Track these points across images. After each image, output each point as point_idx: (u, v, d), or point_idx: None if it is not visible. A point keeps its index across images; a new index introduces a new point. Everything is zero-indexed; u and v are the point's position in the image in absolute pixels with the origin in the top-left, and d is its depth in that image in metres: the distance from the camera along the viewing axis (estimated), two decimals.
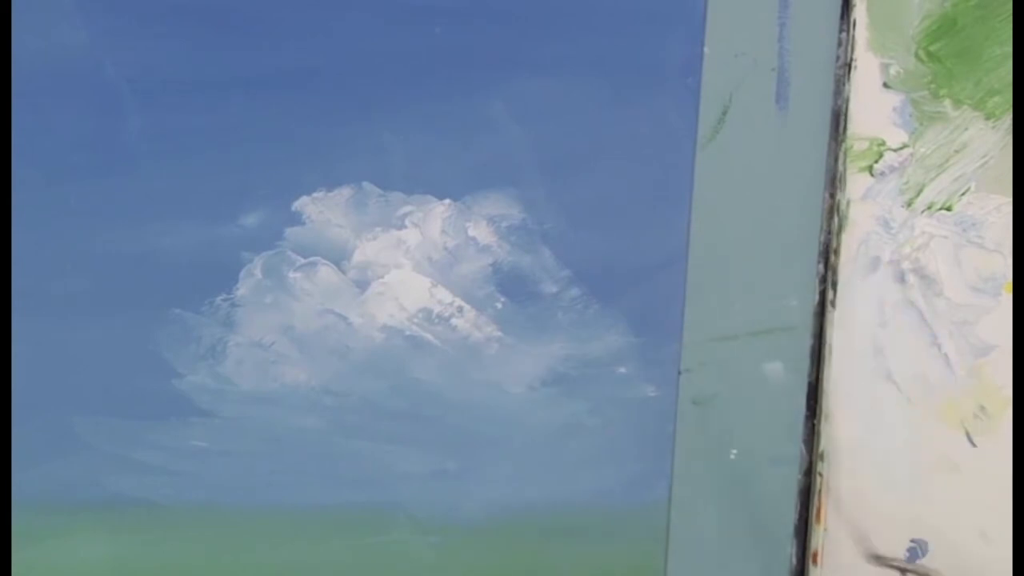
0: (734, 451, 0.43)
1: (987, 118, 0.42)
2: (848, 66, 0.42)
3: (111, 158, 0.41)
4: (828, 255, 0.43)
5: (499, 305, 0.43)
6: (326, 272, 0.42)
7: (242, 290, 0.42)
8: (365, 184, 0.42)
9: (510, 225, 0.43)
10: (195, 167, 0.42)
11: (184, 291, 0.42)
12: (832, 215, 0.43)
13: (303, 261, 0.42)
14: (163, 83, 0.41)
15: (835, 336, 0.43)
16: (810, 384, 0.43)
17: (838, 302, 0.43)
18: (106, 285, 0.42)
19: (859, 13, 0.42)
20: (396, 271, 0.42)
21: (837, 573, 0.43)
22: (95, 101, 0.41)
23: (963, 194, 0.43)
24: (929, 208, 0.43)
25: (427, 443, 0.42)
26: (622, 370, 0.43)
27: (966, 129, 0.43)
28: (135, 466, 0.42)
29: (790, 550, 0.43)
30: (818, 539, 0.43)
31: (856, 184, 0.43)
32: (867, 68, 0.42)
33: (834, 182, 0.43)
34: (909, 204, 0.43)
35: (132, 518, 0.42)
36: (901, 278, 0.43)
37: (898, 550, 0.43)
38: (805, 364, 0.43)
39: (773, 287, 0.43)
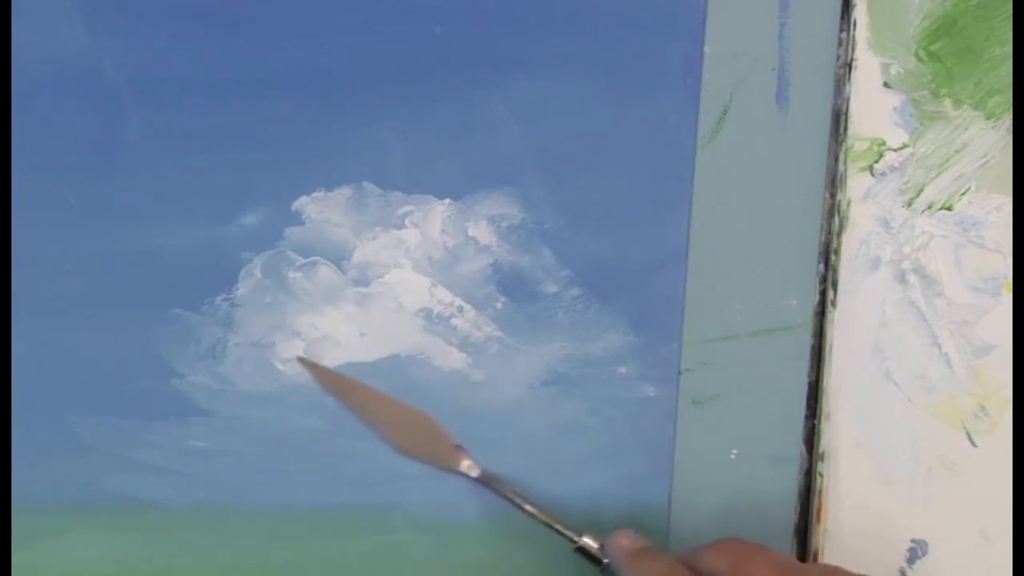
0: (734, 451, 0.43)
1: (987, 118, 0.42)
2: (848, 66, 0.42)
3: (111, 158, 0.41)
4: (828, 255, 0.43)
5: (499, 305, 0.43)
6: (326, 272, 0.42)
7: (242, 290, 0.42)
8: (365, 184, 0.42)
9: (510, 225, 0.43)
10: (195, 167, 0.42)
11: (184, 291, 0.42)
12: (832, 215, 0.43)
13: (303, 261, 0.42)
14: (163, 83, 0.41)
15: (835, 336, 0.43)
16: (810, 384, 0.43)
17: (838, 302, 0.43)
18: (106, 285, 0.42)
19: (859, 13, 0.42)
20: (396, 271, 0.42)
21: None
22: (95, 101, 0.41)
23: (963, 194, 0.43)
24: (929, 208, 0.43)
25: None
26: (622, 370, 0.43)
27: (966, 129, 0.43)
28: (135, 466, 0.42)
29: (790, 550, 0.43)
30: (818, 539, 0.43)
31: (856, 184, 0.43)
32: (867, 68, 0.42)
33: (834, 182, 0.43)
34: (909, 204, 0.43)
35: (132, 518, 0.42)
36: (901, 278, 0.43)
37: (898, 550, 0.43)
38: (805, 364, 0.43)
39: (773, 287, 0.43)
